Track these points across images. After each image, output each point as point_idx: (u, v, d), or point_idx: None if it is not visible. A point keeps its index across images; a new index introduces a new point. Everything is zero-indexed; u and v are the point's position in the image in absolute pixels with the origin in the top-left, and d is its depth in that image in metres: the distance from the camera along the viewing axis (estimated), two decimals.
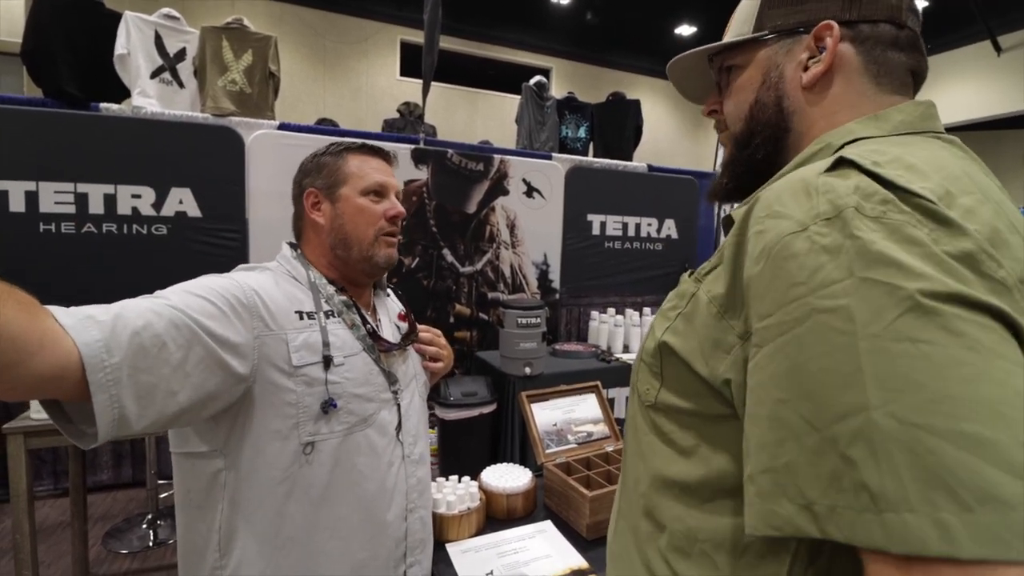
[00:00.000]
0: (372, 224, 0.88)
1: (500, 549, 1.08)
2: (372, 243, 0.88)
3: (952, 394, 0.29)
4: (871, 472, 0.29)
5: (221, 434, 0.74)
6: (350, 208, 0.88)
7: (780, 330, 0.36)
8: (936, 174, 0.37)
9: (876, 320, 0.31)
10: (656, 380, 0.51)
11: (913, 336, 0.30)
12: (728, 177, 0.57)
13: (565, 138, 4.40)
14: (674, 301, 0.51)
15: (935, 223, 0.34)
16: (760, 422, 0.36)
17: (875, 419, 0.30)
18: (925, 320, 0.30)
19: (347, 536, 0.80)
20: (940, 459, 0.28)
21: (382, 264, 0.90)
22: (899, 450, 0.29)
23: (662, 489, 0.50)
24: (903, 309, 0.31)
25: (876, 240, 0.33)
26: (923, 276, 0.31)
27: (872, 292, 0.32)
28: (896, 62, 0.49)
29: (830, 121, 0.49)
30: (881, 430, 0.30)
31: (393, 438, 0.87)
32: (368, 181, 0.89)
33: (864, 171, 0.36)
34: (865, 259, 0.33)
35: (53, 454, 2.68)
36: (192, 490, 0.76)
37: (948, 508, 0.27)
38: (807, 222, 0.36)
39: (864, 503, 0.30)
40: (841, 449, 0.31)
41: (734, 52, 0.55)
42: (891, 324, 0.31)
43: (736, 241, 0.43)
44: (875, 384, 0.30)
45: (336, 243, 0.88)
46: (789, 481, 0.33)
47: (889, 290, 0.32)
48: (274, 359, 0.75)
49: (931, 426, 0.28)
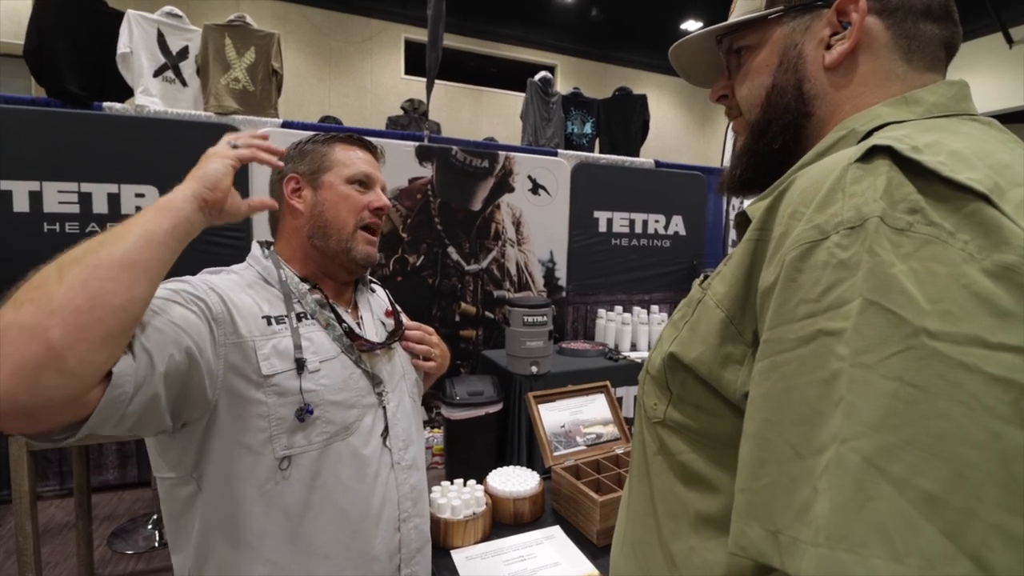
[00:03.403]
0: (354, 213, 0.84)
1: (507, 556, 1.05)
2: (351, 234, 0.84)
3: (921, 445, 0.27)
4: (823, 504, 0.29)
5: (188, 459, 0.70)
6: (333, 195, 0.83)
7: (782, 347, 0.33)
8: (981, 162, 0.33)
9: (872, 351, 0.29)
10: (664, 395, 0.47)
11: (905, 378, 0.28)
12: (742, 168, 0.52)
13: (571, 134, 4.37)
14: (683, 310, 0.48)
15: (974, 230, 0.29)
16: (747, 440, 0.35)
17: (842, 453, 0.29)
18: (923, 363, 0.28)
19: (333, 554, 0.75)
20: (887, 506, 0.27)
21: (360, 260, 0.85)
22: (853, 488, 0.28)
23: (673, 517, 0.46)
24: (903, 347, 0.29)
25: (895, 262, 0.30)
26: (935, 314, 0.28)
27: (876, 319, 0.30)
28: (929, 35, 0.45)
29: (856, 104, 0.45)
30: (844, 465, 0.29)
31: (379, 445, 0.82)
32: (354, 170, 0.85)
33: (902, 158, 0.33)
34: (876, 281, 0.30)
35: (59, 454, 2.68)
36: (170, 513, 0.73)
37: (881, 555, 0.27)
38: (829, 230, 0.33)
39: (811, 536, 0.29)
40: (814, 481, 0.30)
41: (745, 32, 0.50)
42: (886, 359, 0.29)
43: (755, 238, 0.39)
44: (851, 416, 0.29)
45: (314, 231, 0.83)
46: (763, 504, 0.32)
47: (895, 321, 0.29)
48: (241, 369, 0.69)
49: (889, 472, 0.27)
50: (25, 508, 1.63)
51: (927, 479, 0.27)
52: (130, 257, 0.53)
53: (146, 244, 0.55)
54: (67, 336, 0.48)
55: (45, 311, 0.48)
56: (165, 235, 0.58)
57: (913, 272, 0.29)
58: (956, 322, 0.28)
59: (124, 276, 0.52)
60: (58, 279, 0.50)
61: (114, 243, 0.53)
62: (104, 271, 0.51)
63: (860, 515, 0.27)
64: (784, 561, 0.30)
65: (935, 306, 0.28)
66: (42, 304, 0.48)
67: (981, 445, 0.26)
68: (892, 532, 0.27)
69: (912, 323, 0.28)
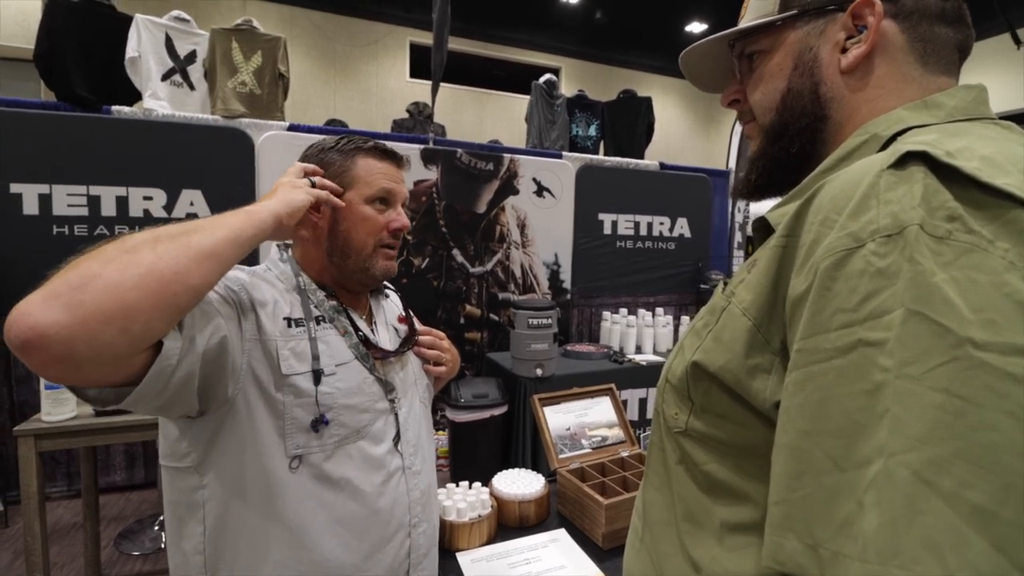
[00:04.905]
0: (373, 234, 0.84)
1: (512, 559, 1.05)
2: (371, 254, 0.84)
3: (970, 457, 0.27)
4: (872, 519, 0.28)
5: (201, 448, 0.71)
6: (352, 216, 0.82)
7: (817, 357, 0.33)
8: (1014, 167, 0.33)
9: (917, 362, 0.29)
10: (685, 405, 0.47)
11: (951, 389, 0.28)
12: (758, 173, 0.52)
13: (575, 137, 4.37)
14: (705, 318, 0.47)
15: (1014, 238, 0.29)
16: (781, 450, 0.34)
17: (891, 466, 0.28)
18: (969, 374, 0.28)
19: (341, 556, 0.75)
20: (937, 520, 0.27)
21: (379, 276, 0.86)
22: (902, 503, 0.28)
23: (697, 526, 0.46)
24: (948, 357, 0.28)
25: (936, 271, 0.30)
26: (979, 323, 0.28)
27: (920, 329, 0.29)
28: (943, 38, 0.45)
29: (873, 108, 0.45)
30: (893, 479, 0.28)
31: (391, 449, 0.82)
32: (375, 188, 0.83)
33: (938, 164, 0.32)
34: (919, 290, 0.30)
35: (67, 455, 2.69)
36: (175, 503, 0.73)
37: (933, 571, 0.26)
38: (864, 238, 0.32)
39: (859, 551, 0.28)
40: (859, 495, 0.29)
41: (758, 36, 0.50)
42: (932, 370, 0.28)
43: (782, 245, 0.39)
44: (898, 429, 0.28)
45: (333, 250, 0.83)
46: (800, 517, 0.32)
47: (939, 332, 0.29)
48: (263, 366, 0.72)
49: (938, 486, 0.27)
50: (34, 508, 1.64)
51: (977, 492, 0.26)
52: (216, 250, 0.60)
53: (232, 243, 0.62)
54: (143, 301, 0.52)
55: (131, 273, 0.52)
56: (247, 240, 0.64)
57: (955, 281, 0.29)
58: (1001, 332, 0.28)
59: (207, 263, 0.58)
60: (151, 249, 0.54)
61: (206, 233, 0.60)
62: (193, 254, 0.57)
63: (910, 530, 0.27)
64: (825, 574, 0.30)
65: (979, 315, 0.28)
66: (130, 266, 0.52)
67: None
68: (943, 547, 0.26)
69: (957, 333, 0.28)
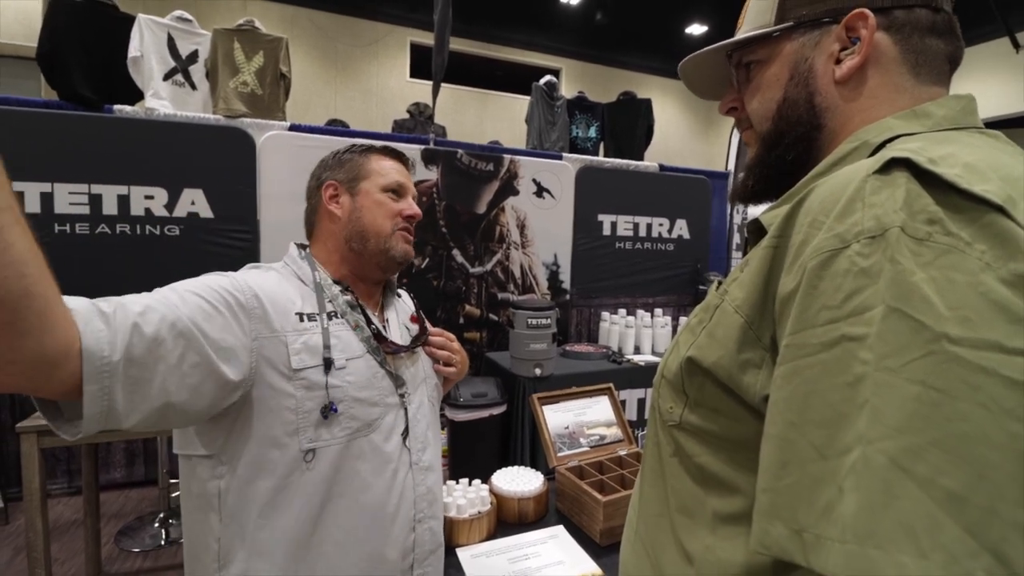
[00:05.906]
0: (390, 218, 0.90)
1: (511, 554, 1.06)
2: (390, 235, 0.89)
3: (944, 446, 0.28)
4: (850, 503, 0.30)
5: (219, 438, 0.73)
6: (369, 201, 0.89)
7: (804, 351, 0.34)
8: (994, 174, 0.34)
9: (896, 356, 0.30)
10: (680, 399, 0.48)
11: (927, 381, 0.29)
12: (755, 179, 0.54)
13: (575, 138, 4.38)
14: (700, 315, 0.48)
15: (990, 240, 0.31)
16: (769, 441, 0.36)
17: (868, 454, 0.30)
18: (945, 368, 0.29)
19: (350, 548, 0.77)
20: (913, 505, 0.28)
21: (398, 258, 0.90)
22: (880, 488, 0.29)
23: (690, 517, 0.47)
24: (925, 352, 0.30)
25: (915, 270, 0.31)
26: (955, 320, 0.30)
27: (899, 325, 0.31)
28: (934, 50, 0.46)
29: (866, 117, 0.46)
30: (871, 465, 0.30)
31: (399, 444, 0.84)
32: (389, 179, 0.91)
33: (920, 170, 0.34)
34: (899, 288, 0.31)
35: (67, 452, 2.70)
36: (192, 493, 0.75)
37: (907, 551, 0.28)
38: (849, 239, 0.34)
39: (839, 533, 0.30)
40: (840, 481, 0.31)
41: (755, 46, 0.52)
42: (909, 363, 0.30)
43: (773, 245, 0.40)
44: (877, 418, 0.30)
45: (352, 235, 0.88)
46: (786, 504, 0.33)
47: (917, 328, 0.30)
48: (274, 362, 0.73)
49: (914, 472, 0.28)
50: (35, 505, 1.65)
51: (950, 479, 0.28)
52: None
53: None
54: None
55: None
56: None
57: (933, 280, 0.31)
58: (975, 328, 0.29)
59: None
60: None
61: None
62: None
63: (887, 513, 0.29)
64: (809, 558, 0.31)
65: (955, 313, 0.30)
66: None
67: (1001, 446, 0.28)
68: (918, 529, 0.28)
69: (933, 329, 0.30)
